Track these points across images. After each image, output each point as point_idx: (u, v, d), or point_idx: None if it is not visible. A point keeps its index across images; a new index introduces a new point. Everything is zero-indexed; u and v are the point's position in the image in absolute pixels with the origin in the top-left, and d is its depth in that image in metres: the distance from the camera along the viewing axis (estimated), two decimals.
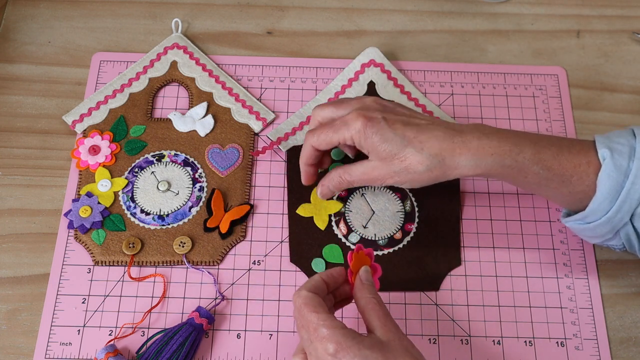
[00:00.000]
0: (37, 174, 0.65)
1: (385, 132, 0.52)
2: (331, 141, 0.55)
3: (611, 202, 0.50)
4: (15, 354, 0.57)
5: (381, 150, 0.52)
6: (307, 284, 0.48)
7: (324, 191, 0.59)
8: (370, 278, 0.50)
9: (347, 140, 0.54)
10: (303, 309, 0.46)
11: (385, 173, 0.53)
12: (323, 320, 0.44)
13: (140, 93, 0.69)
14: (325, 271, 0.50)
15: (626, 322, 0.60)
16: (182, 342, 0.55)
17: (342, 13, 0.76)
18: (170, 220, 0.62)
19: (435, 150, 0.52)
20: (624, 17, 0.77)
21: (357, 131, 0.53)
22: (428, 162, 0.52)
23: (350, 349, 0.43)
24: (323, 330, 0.44)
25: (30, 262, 0.61)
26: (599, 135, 0.54)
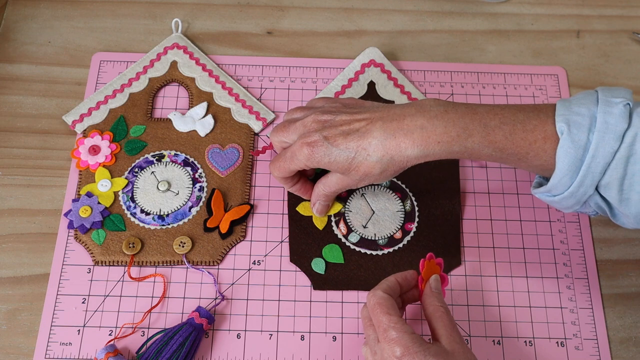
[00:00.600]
0: (37, 174, 0.65)
1: (329, 151, 0.53)
2: (290, 169, 0.57)
3: (572, 178, 0.48)
4: (15, 354, 0.57)
5: (334, 167, 0.54)
6: (383, 285, 0.50)
7: (319, 208, 0.61)
8: (439, 287, 0.51)
9: (303, 167, 0.55)
10: (376, 308, 0.48)
11: (351, 181, 0.55)
12: (394, 323, 0.46)
13: (140, 93, 0.69)
14: (400, 273, 0.52)
15: (626, 322, 0.60)
16: (182, 342, 0.55)
17: (342, 13, 0.76)
18: (170, 220, 0.62)
19: (380, 152, 0.52)
20: (624, 17, 0.77)
21: (306, 159, 0.54)
22: (379, 165, 0.52)
23: (416, 354, 0.45)
24: (392, 333, 0.46)
25: (30, 262, 0.61)
26: (561, 102, 0.50)
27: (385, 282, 0.51)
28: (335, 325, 0.59)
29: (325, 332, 0.58)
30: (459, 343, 0.47)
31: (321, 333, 0.58)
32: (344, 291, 0.60)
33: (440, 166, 0.65)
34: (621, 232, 0.64)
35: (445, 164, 0.65)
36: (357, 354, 0.57)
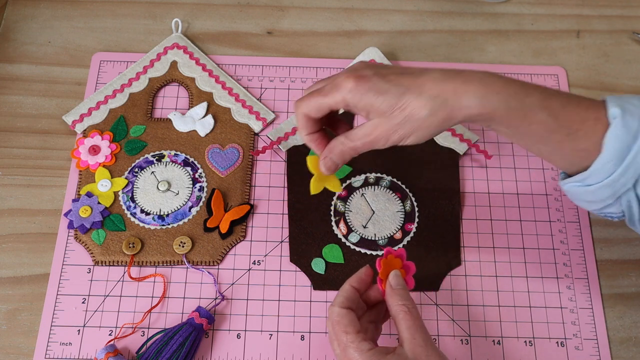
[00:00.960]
0: (37, 174, 0.65)
1: (379, 85, 0.48)
2: (321, 106, 0.50)
3: (616, 165, 0.47)
4: (15, 354, 0.57)
5: (378, 105, 0.48)
6: (339, 298, 0.49)
7: (327, 163, 0.52)
8: (401, 282, 0.49)
9: (339, 104, 0.49)
10: (335, 326, 0.47)
11: (388, 128, 0.48)
12: (351, 342, 0.46)
13: (140, 93, 0.69)
14: (354, 276, 0.50)
15: (626, 322, 0.60)
16: (182, 342, 0.55)
17: (342, 13, 0.76)
18: (170, 220, 0.62)
19: (435, 91, 0.47)
20: (624, 17, 0.77)
21: (349, 90, 0.48)
22: (430, 105, 0.47)
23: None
24: (350, 352, 0.46)
25: (30, 262, 0.61)
26: (612, 95, 0.49)
27: (341, 294, 0.49)
28: None
29: (325, 332, 0.58)
30: (422, 346, 0.46)
31: (321, 333, 0.58)
32: None
33: (440, 166, 0.65)
34: (621, 232, 0.64)
35: (445, 164, 0.65)
36: None
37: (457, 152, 0.66)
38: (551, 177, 0.66)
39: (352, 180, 0.65)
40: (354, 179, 0.65)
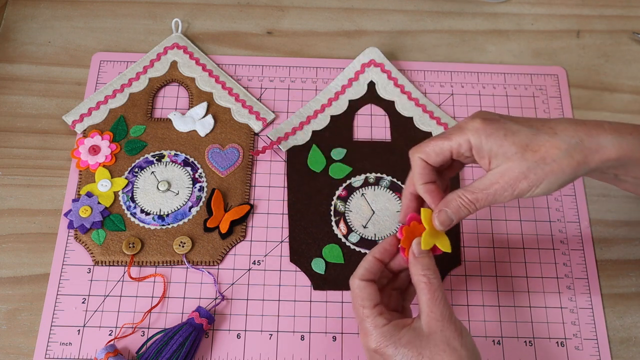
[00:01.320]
0: (37, 174, 0.65)
1: (508, 125, 0.45)
2: (442, 149, 0.47)
3: None
4: (15, 354, 0.57)
5: (507, 146, 0.44)
6: (360, 270, 0.48)
7: (442, 217, 0.48)
8: (423, 250, 0.48)
9: (462, 146, 0.46)
10: (353, 299, 0.48)
11: (517, 174, 0.44)
12: (367, 317, 0.47)
13: (140, 93, 0.69)
14: (378, 245, 0.50)
15: (626, 322, 0.60)
16: (182, 342, 0.55)
17: (342, 13, 0.76)
18: (170, 220, 0.62)
19: (569, 132, 0.44)
20: (624, 17, 0.77)
21: (475, 130, 0.45)
22: (566, 145, 0.44)
23: (387, 347, 0.45)
24: (366, 326, 0.47)
25: (30, 262, 0.61)
26: None
27: (362, 265, 0.49)
28: (335, 325, 0.59)
29: (325, 332, 0.58)
30: (439, 320, 0.45)
31: (321, 333, 0.58)
32: (344, 291, 0.60)
33: None
34: (621, 232, 0.64)
35: None
36: (357, 354, 0.57)
37: None
38: None
39: (352, 180, 0.65)
40: (354, 179, 0.65)
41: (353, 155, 0.66)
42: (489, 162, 0.46)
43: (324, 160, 0.65)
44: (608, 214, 0.65)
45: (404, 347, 0.45)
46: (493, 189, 0.45)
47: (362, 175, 0.65)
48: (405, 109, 0.68)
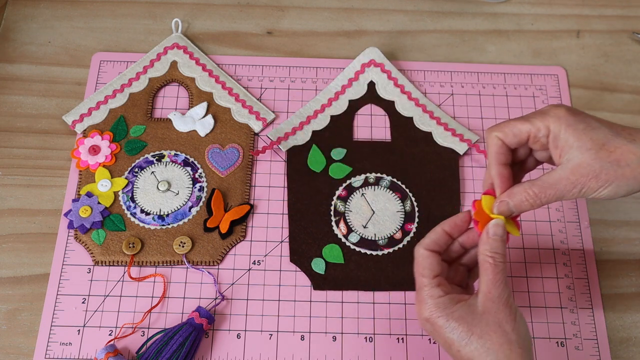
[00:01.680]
0: (37, 174, 0.65)
1: (589, 121, 0.45)
2: (520, 131, 0.46)
3: None
4: (15, 354, 0.57)
5: (585, 139, 0.44)
6: (426, 240, 0.49)
7: (502, 208, 0.47)
8: (500, 232, 0.47)
9: (541, 131, 0.46)
10: (415, 267, 0.49)
11: (589, 171, 0.44)
12: (424, 286, 0.48)
13: (140, 93, 0.69)
14: (449, 219, 0.50)
15: (626, 322, 0.60)
16: (182, 342, 0.55)
17: (342, 13, 0.76)
18: (170, 220, 0.62)
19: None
20: (624, 17, 0.77)
21: (558, 117, 0.45)
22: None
23: (439, 318, 0.46)
24: (422, 294, 0.48)
25: (30, 262, 0.61)
26: None
27: (429, 235, 0.49)
28: (335, 325, 0.59)
29: (325, 332, 0.58)
30: (495, 302, 0.45)
31: (321, 333, 0.58)
32: (344, 291, 0.60)
33: (440, 166, 0.65)
34: (621, 232, 0.64)
35: (445, 164, 0.65)
36: (357, 354, 0.57)
37: (457, 152, 0.66)
38: None
39: (352, 180, 0.65)
40: (354, 179, 0.65)
41: (353, 155, 0.66)
42: (560, 154, 0.45)
43: (324, 160, 0.65)
44: (608, 214, 0.65)
45: (455, 321, 0.46)
46: (561, 185, 0.45)
47: (362, 175, 0.65)
48: (405, 109, 0.68)
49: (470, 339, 0.45)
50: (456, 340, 0.45)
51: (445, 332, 0.46)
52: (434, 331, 0.47)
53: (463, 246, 0.51)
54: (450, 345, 0.46)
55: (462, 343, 0.45)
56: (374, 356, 0.57)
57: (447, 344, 0.46)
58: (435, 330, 0.47)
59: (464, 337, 0.45)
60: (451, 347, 0.46)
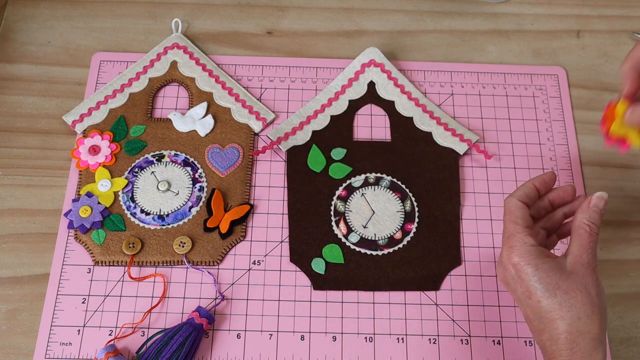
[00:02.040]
0: (37, 174, 0.65)
1: None
2: None
3: None
4: (15, 354, 0.57)
5: None
6: (518, 192, 0.51)
7: (635, 117, 0.50)
8: (601, 205, 0.50)
9: None
10: (506, 215, 0.51)
11: None
12: (517, 232, 0.49)
13: (140, 93, 0.69)
14: (539, 176, 0.52)
15: (626, 322, 0.60)
16: (182, 342, 0.55)
17: (342, 13, 0.76)
18: (170, 220, 0.62)
19: None
20: (624, 17, 0.77)
21: None
22: None
23: (528, 266, 0.47)
24: (513, 240, 0.49)
25: (30, 262, 0.61)
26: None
27: (522, 189, 0.51)
28: (335, 325, 0.59)
29: (325, 332, 0.58)
30: (584, 265, 0.47)
31: (321, 333, 0.58)
32: (344, 291, 0.60)
33: (440, 166, 0.65)
34: (621, 232, 0.64)
35: (445, 164, 0.65)
36: (357, 354, 0.57)
37: (457, 152, 0.66)
38: None
39: (352, 180, 0.65)
40: (354, 179, 0.65)
41: (353, 155, 0.66)
42: None
43: (324, 160, 0.65)
44: (608, 214, 0.65)
45: (544, 272, 0.47)
46: None
47: (362, 175, 0.65)
48: (405, 109, 0.68)
49: (556, 292, 0.46)
50: (540, 290, 0.47)
51: (531, 281, 0.47)
52: (518, 278, 0.48)
53: (552, 204, 0.53)
54: (531, 294, 0.47)
55: (546, 294, 0.47)
56: (374, 356, 0.57)
57: (527, 293, 0.48)
58: (519, 277, 0.48)
59: (550, 289, 0.47)
60: (531, 296, 0.47)
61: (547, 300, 0.47)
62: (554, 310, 0.46)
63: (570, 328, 0.46)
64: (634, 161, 0.68)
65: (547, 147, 0.67)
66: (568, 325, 0.46)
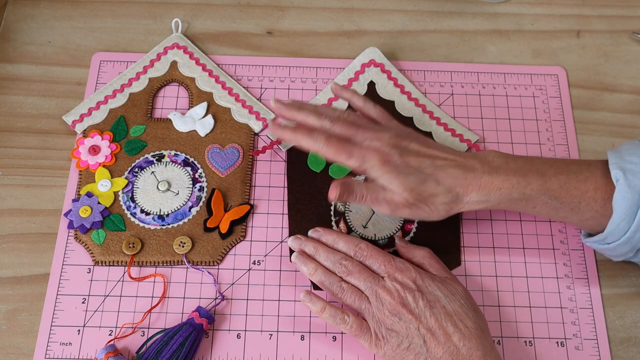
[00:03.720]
0: (37, 174, 0.65)
1: (400, 170, 0.53)
2: (343, 163, 0.54)
3: (629, 222, 0.51)
4: (15, 354, 0.57)
5: (397, 185, 0.53)
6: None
7: (331, 195, 0.55)
8: None
9: (358, 170, 0.54)
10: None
11: (402, 201, 0.53)
12: None
13: (140, 93, 0.69)
14: None
15: (626, 322, 0.60)
16: (182, 342, 0.55)
17: (342, 13, 0.76)
18: (170, 220, 0.62)
19: (450, 185, 0.53)
20: (624, 17, 0.77)
21: (372, 167, 0.53)
22: (444, 197, 0.53)
23: None
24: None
25: (30, 262, 0.61)
26: (611, 152, 0.54)
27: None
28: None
29: (325, 332, 0.58)
30: None
31: (321, 333, 0.58)
32: None
33: None
34: None
35: None
36: (357, 354, 0.57)
37: None
38: None
39: None
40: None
41: None
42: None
43: (323, 160, 0.65)
44: None
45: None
46: (381, 201, 0.55)
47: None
48: (405, 109, 0.68)
49: None
50: (444, 298, 0.54)
51: None
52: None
53: None
54: (437, 302, 0.53)
55: None
56: (374, 356, 0.57)
57: None
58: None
59: None
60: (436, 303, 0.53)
61: None
62: None
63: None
64: None
65: (547, 147, 0.67)
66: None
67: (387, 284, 0.53)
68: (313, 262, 0.57)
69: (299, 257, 0.57)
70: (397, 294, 0.52)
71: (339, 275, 0.55)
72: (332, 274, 0.56)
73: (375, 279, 0.54)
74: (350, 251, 0.56)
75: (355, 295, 0.54)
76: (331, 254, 0.56)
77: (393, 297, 0.52)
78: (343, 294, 0.54)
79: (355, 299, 0.54)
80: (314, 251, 0.57)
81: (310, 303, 0.55)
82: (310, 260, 0.57)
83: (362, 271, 0.54)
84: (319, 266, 0.56)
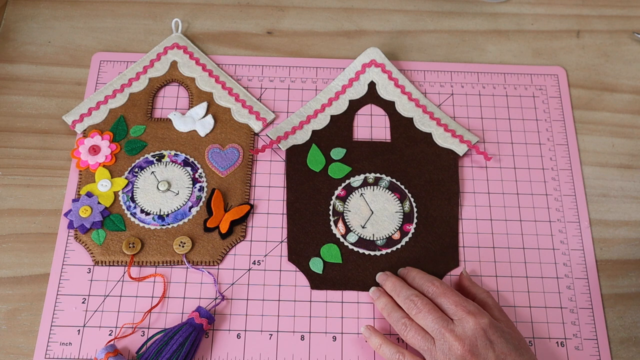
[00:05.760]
0: (37, 174, 0.65)
1: None
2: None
3: None
4: (15, 354, 0.57)
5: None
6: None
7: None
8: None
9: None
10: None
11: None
12: None
13: (140, 93, 0.69)
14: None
15: (626, 322, 0.60)
16: (182, 342, 0.55)
17: (342, 13, 0.76)
18: (170, 220, 0.62)
19: None
20: (624, 17, 0.77)
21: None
22: None
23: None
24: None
25: (30, 262, 0.61)
26: None
27: None
28: (335, 325, 0.59)
29: (325, 332, 0.58)
30: None
31: (321, 333, 0.58)
32: (344, 291, 0.60)
33: (440, 167, 0.65)
34: (621, 232, 0.64)
35: (444, 165, 0.65)
36: (357, 354, 0.57)
37: (456, 153, 0.66)
38: (551, 177, 0.66)
39: (351, 180, 0.65)
40: (353, 179, 0.65)
41: (352, 155, 0.66)
42: None
43: (323, 160, 0.65)
44: (608, 214, 0.65)
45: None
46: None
47: (362, 175, 0.65)
48: (405, 110, 0.68)
49: None
50: (514, 350, 0.51)
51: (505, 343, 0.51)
52: (493, 342, 0.51)
53: None
54: (507, 355, 0.51)
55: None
56: (374, 356, 0.57)
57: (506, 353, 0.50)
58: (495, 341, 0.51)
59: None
60: (507, 356, 0.50)
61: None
62: None
63: None
64: (634, 161, 0.68)
65: (547, 147, 0.67)
66: None
67: (457, 330, 0.51)
68: (386, 296, 0.57)
69: (374, 291, 0.59)
70: (467, 340, 0.51)
71: (408, 311, 0.55)
72: (399, 308, 0.55)
73: (445, 321, 0.52)
74: (424, 286, 0.56)
75: (419, 336, 0.53)
76: (404, 289, 0.56)
77: (463, 344, 0.50)
78: (406, 331, 0.54)
79: (419, 338, 0.53)
80: (388, 284, 0.58)
81: (369, 338, 0.56)
82: (383, 295, 0.58)
83: (432, 311, 0.53)
84: (390, 301, 0.57)
